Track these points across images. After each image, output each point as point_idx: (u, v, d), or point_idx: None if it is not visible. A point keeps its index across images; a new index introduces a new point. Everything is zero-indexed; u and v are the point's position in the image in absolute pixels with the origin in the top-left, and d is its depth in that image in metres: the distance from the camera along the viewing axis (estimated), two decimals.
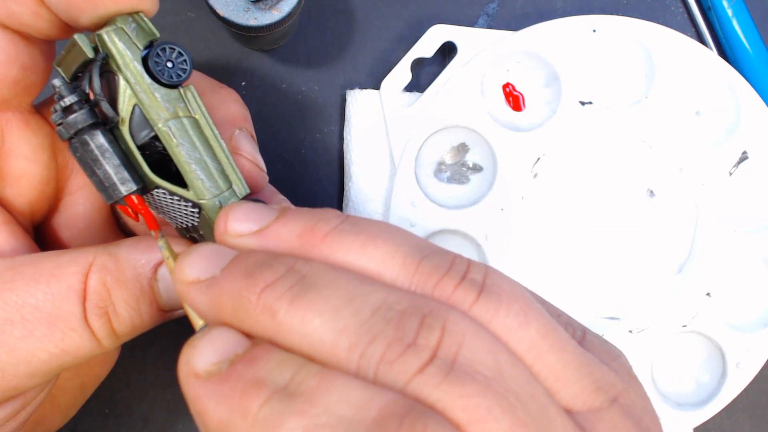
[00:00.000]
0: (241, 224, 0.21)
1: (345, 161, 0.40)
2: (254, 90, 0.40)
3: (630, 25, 0.39)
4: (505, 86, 0.40)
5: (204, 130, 0.24)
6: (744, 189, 0.40)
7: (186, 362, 0.19)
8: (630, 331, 0.40)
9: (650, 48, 0.39)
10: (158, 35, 0.23)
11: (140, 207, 0.23)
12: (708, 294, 0.40)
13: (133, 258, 0.24)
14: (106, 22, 0.23)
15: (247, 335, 0.19)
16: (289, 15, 0.33)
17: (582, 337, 0.21)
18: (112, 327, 0.24)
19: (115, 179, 0.23)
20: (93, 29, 0.23)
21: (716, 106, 0.40)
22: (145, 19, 0.23)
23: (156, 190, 0.23)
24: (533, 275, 0.40)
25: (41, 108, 0.27)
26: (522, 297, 0.19)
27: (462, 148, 0.40)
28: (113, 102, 0.22)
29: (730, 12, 0.40)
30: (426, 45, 0.39)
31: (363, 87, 0.40)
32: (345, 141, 0.40)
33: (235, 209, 0.21)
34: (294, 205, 0.28)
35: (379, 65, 0.41)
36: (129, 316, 0.24)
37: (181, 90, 0.23)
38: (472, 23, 0.41)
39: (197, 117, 0.24)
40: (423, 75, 0.41)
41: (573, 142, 0.40)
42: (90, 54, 0.22)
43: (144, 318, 0.25)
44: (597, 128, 0.39)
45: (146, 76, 0.23)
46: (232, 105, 0.28)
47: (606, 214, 0.40)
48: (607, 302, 0.40)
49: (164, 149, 0.23)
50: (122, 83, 0.22)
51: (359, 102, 0.39)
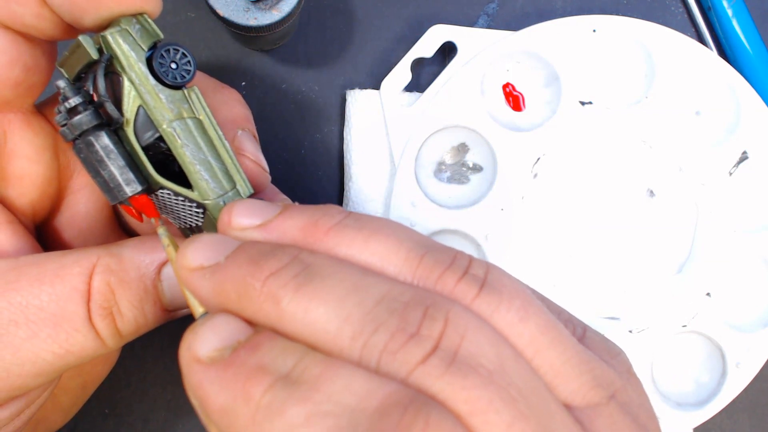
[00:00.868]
0: (245, 218, 0.21)
1: (345, 161, 0.40)
2: (254, 90, 0.40)
3: (630, 25, 0.39)
4: (505, 86, 0.40)
5: (208, 131, 0.24)
6: (744, 189, 0.40)
7: (188, 348, 0.19)
8: (630, 331, 0.40)
9: (650, 48, 0.39)
10: (162, 36, 0.23)
11: (144, 207, 0.23)
12: (708, 294, 0.40)
13: (137, 258, 0.24)
14: (110, 24, 0.23)
15: (249, 323, 0.19)
16: (289, 15, 0.33)
17: (582, 335, 0.21)
18: (117, 327, 0.24)
19: (120, 180, 0.23)
20: (96, 30, 0.23)
21: (716, 106, 0.40)
22: (149, 21, 0.23)
23: (161, 191, 0.23)
24: (533, 275, 0.40)
25: (43, 108, 0.27)
26: (523, 293, 0.19)
27: (462, 148, 0.40)
28: (117, 103, 0.22)
29: (730, 12, 0.40)
30: (426, 45, 0.39)
31: (363, 87, 0.40)
32: (345, 141, 0.40)
33: (239, 204, 0.21)
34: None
35: (379, 65, 0.41)
36: (133, 317, 0.24)
37: (185, 91, 0.23)
38: (472, 23, 0.41)
39: (201, 118, 0.24)
40: (423, 75, 0.41)
41: (573, 142, 0.40)
42: (94, 55, 0.22)
43: (148, 318, 0.25)
44: (597, 128, 0.39)
45: (151, 78, 0.23)
46: (235, 105, 0.29)
47: (606, 214, 0.40)
48: (607, 302, 0.40)
49: (168, 150, 0.23)
50: (126, 84, 0.22)
51: (359, 102, 0.39)
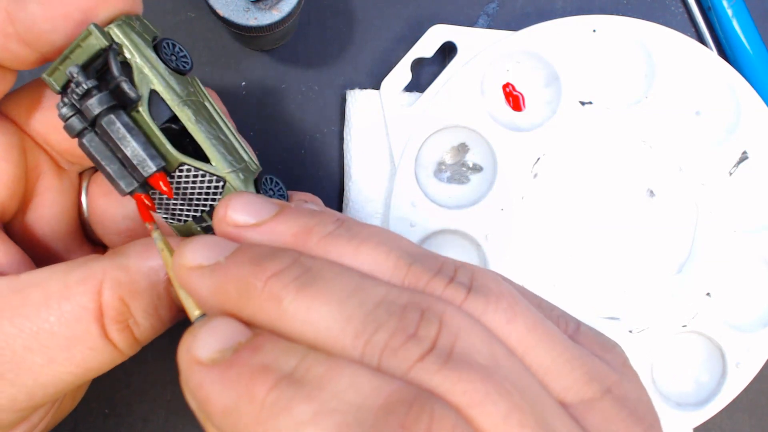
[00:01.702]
0: (240, 215, 0.21)
1: (345, 161, 0.40)
2: (254, 90, 0.40)
3: (630, 25, 0.39)
4: (505, 86, 0.40)
5: (213, 114, 0.25)
6: (744, 189, 0.40)
7: (187, 350, 0.19)
8: (630, 331, 0.40)
9: (650, 48, 0.39)
10: (158, 33, 0.24)
11: (165, 187, 0.23)
12: (708, 294, 0.40)
13: (145, 267, 0.24)
14: (110, 22, 0.23)
15: (248, 325, 0.19)
16: (289, 15, 0.33)
17: (575, 331, 0.22)
18: (134, 336, 0.24)
19: (145, 155, 0.23)
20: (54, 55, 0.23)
21: (716, 106, 0.40)
22: (145, 21, 0.24)
23: (178, 171, 0.24)
24: (533, 275, 0.40)
25: (4, 108, 0.27)
26: (508, 294, 0.20)
27: (462, 148, 0.40)
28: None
29: (730, 12, 0.40)
30: (426, 45, 0.39)
31: (363, 87, 0.40)
32: (345, 141, 0.40)
33: (236, 199, 0.21)
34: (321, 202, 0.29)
35: (379, 65, 0.41)
36: (150, 324, 0.24)
37: (188, 78, 0.24)
38: (472, 23, 0.41)
39: (206, 103, 0.25)
40: (423, 75, 0.41)
41: (573, 142, 0.40)
42: (105, 42, 0.22)
43: (165, 321, 0.25)
44: (597, 128, 0.39)
45: (160, 62, 0.24)
46: (217, 102, 0.29)
47: (606, 214, 0.40)
48: (607, 302, 0.40)
49: (179, 132, 0.24)
50: (137, 69, 0.23)
51: (359, 102, 0.39)
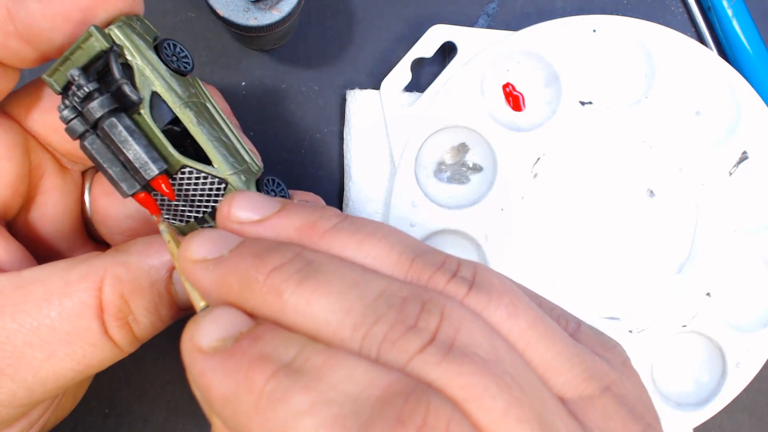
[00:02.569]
0: (244, 212, 0.21)
1: (345, 161, 0.40)
2: (254, 90, 0.40)
3: (630, 25, 0.39)
4: (505, 86, 0.40)
5: (214, 115, 0.25)
6: (744, 189, 0.40)
7: (190, 338, 0.19)
8: (630, 331, 0.40)
9: (650, 48, 0.39)
10: (159, 33, 0.24)
11: (167, 189, 0.23)
12: (708, 294, 0.40)
13: (146, 265, 0.24)
14: (110, 22, 0.23)
15: (250, 315, 0.19)
16: (289, 15, 0.33)
17: (576, 329, 0.22)
18: (134, 334, 0.24)
19: (147, 158, 0.23)
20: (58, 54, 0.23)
21: (716, 106, 0.40)
22: (146, 21, 0.24)
23: (180, 173, 0.24)
24: (533, 275, 0.40)
25: (7, 107, 0.27)
26: (511, 290, 0.20)
27: (462, 148, 0.40)
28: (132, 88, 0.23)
29: (730, 12, 0.40)
30: (426, 45, 0.39)
31: (363, 87, 0.40)
32: (345, 141, 0.40)
33: (239, 197, 0.21)
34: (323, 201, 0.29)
35: (379, 65, 0.41)
36: (150, 322, 0.24)
37: (189, 79, 0.24)
38: (472, 23, 0.41)
39: (207, 104, 0.25)
40: (423, 75, 0.41)
41: (573, 142, 0.40)
42: (106, 44, 0.22)
43: (164, 319, 0.25)
44: (597, 128, 0.39)
45: (162, 63, 0.24)
46: (220, 99, 0.29)
47: (606, 214, 0.40)
48: (607, 302, 0.40)
49: (180, 134, 0.24)
50: (138, 71, 0.23)
51: (359, 102, 0.39)
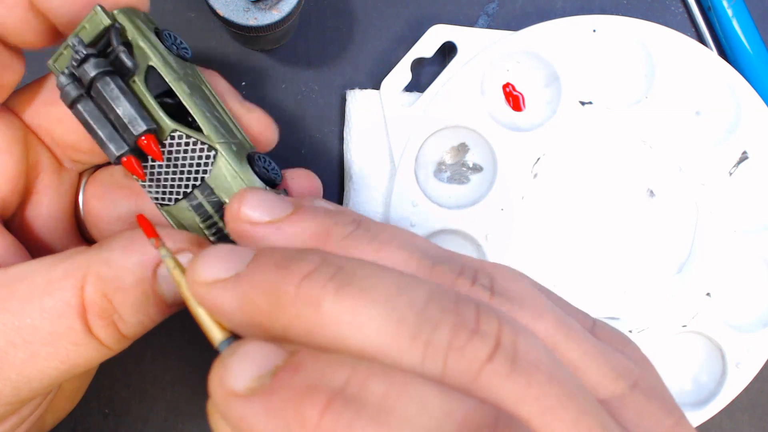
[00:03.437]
0: (254, 211, 0.20)
1: (345, 161, 0.40)
2: (254, 90, 0.40)
3: (630, 25, 0.39)
4: (505, 86, 0.40)
5: (210, 98, 0.26)
6: (744, 189, 0.40)
7: (220, 384, 0.17)
8: (630, 331, 0.40)
9: (650, 48, 0.39)
10: (158, 25, 0.25)
11: (155, 148, 0.23)
12: (708, 294, 0.40)
13: (129, 262, 0.23)
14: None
15: (280, 342, 0.18)
16: (289, 15, 0.33)
17: (592, 326, 0.21)
18: (121, 333, 0.23)
19: (136, 114, 0.23)
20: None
21: (716, 106, 0.40)
22: (150, 16, 0.25)
23: (170, 138, 0.24)
24: (533, 275, 0.40)
25: (11, 104, 0.27)
26: (531, 292, 0.19)
27: (462, 148, 0.40)
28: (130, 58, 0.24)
29: (730, 12, 0.40)
30: (426, 45, 0.39)
31: (363, 87, 0.40)
32: (345, 141, 0.40)
33: (249, 195, 0.20)
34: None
35: (379, 65, 0.41)
36: (137, 320, 0.23)
37: (188, 64, 0.26)
38: (472, 23, 0.41)
39: (203, 87, 0.26)
40: (423, 75, 0.41)
41: (573, 142, 0.40)
42: (109, 20, 0.23)
43: (153, 317, 0.24)
44: (597, 128, 0.39)
45: (161, 44, 0.24)
46: (221, 81, 0.29)
47: (606, 214, 0.40)
48: (607, 302, 0.40)
49: (175, 107, 0.24)
50: (137, 46, 0.24)
51: (359, 102, 0.39)
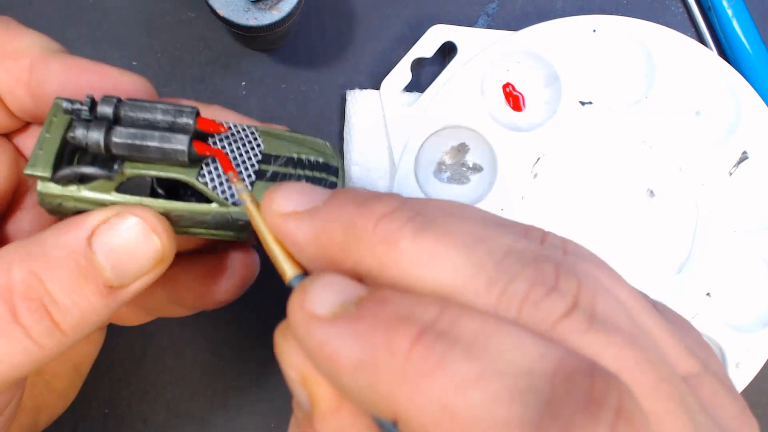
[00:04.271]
0: (287, 203, 0.19)
1: (345, 161, 0.40)
2: (254, 90, 0.40)
3: (630, 25, 0.39)
4: (505, 86, 0.40)
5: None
6: (744, 189, 0.40)
7: (301, 306, 0.17)
8: None
9: (650, 48, 0.39)
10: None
11: (214, 124, 0.23)
12: (708, 294, 0.40)
13: (61, 236, 0.21)
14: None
15: (354, 276, 0.17)
16: (289, 15, 0.33)
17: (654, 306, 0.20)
18: (54, 321, 0.21)
19: (181, 105, 0.23)
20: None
21: (716, 106, 0.40)
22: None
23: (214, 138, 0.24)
24: None
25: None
26: (604, 263, 0.18)
27: (462, 148, 0.40)
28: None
29: (730, 12, 0.40)
30: (426, 45, 0.39)
31: (363, 87, 0.40)
32: (345, 141, 0.40)
33: (285, 186, 0.19)
34: None
35: (379, 65, 0.41)
36: (72, 303, 0.21)
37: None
38: (472, 23, 0.41)
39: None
40: (423, 75, 0.41)
41: (573, 142, 0.40)
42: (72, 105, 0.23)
43: (92, 301, 0.21)
44: (597, 128, 0.39)
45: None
46: (228, 113, 0.28)
47: (606, 214, 0.40)
48: None
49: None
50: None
51: (359, 102, 0.39)
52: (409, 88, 0.40)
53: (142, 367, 0.39)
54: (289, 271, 0.19)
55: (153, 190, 0.24)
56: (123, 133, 0.22)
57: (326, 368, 0.16)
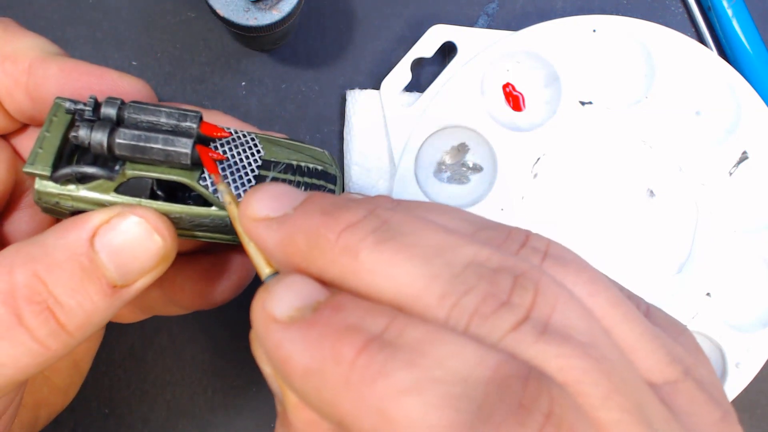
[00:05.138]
0: (261, 208, 0.19)
1: (345, 161, 0.40)
2: (254, 90, 0.40)
3: (630, 25, 0.39)
4: (505, 86, 0.40)
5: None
6: (744, 189, 0.40)
7: (262, 307, 0.17)
8: None
9: (650, 48, 0.39)
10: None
11: (218, 128, 0.23)
12: (708, 294, 0.40)
13: (63, 238, 0.21)
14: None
15: (319, 280, 0.18)
16: (289, 15, 0.33)
17: (646, 311, 0.20)
18: (59, 322, 0.21)
19: (184, 108, 0.23)
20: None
21: (716, 106, 0.40)
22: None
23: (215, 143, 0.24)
24: None
25: None
26: (587, 267, 0.19)
27: (462, 148, 0.40)
28: None
29: (730, 12, 0.40)
30: (426, 45, 0.39)
31: (363, 87, 0.40)
32: (345, 141, 0.40)
33: (262, 189, 0.20)
34: None
35: (379, 65, 0.41)
36: (76, 303, 0.21)
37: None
38: (472, 23, 0.41)
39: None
40: (423, 75, 0.41)
41: (573, 142, 0.40)
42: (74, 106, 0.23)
43: (96, 301, 0.22)
44: (597, 128, 0.39)
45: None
46: (227, 118, 0.29)
47: (606, 214, 0.40)
48: None
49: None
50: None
51: (359, 102, 0.39)
52: (409, 88, 0.40)
53: (142, 367, 0.39)
54: (263, 271, 0.20)
55: (152, 192, 0.24)
56: (127, 135, 0.22)
57: (280, 370, 0.17)
